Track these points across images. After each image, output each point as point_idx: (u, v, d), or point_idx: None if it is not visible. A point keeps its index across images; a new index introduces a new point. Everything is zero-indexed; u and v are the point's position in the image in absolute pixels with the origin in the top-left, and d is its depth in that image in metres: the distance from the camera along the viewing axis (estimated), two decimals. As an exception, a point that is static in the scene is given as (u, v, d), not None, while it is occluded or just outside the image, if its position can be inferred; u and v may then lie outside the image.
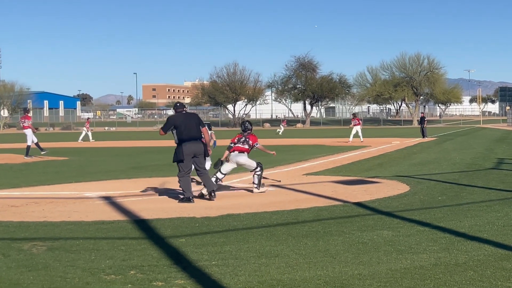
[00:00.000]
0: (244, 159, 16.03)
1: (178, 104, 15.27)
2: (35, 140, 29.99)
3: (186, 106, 15.82)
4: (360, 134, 43.72)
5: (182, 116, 14.79)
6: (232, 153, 16.09)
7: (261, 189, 15.96)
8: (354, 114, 47.75)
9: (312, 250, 8.59)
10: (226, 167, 16.08)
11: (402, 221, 10.90)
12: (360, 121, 46.30)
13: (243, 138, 16.34)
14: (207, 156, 15.26)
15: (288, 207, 12.97)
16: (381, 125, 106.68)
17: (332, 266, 7.68)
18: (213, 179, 15.58)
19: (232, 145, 16.11)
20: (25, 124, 29.82)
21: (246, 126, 16.43)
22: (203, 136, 14.83)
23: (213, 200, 14.45)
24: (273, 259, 8.08)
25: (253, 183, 15.95)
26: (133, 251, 8.66)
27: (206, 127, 15.26)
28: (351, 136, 43.85)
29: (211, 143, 16.66)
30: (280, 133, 67.53)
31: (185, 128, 14.45)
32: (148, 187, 17.09)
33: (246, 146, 16.15)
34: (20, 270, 7.66)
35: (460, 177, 18.54)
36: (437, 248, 8.52)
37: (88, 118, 54.61)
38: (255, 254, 8.40)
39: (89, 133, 52.60)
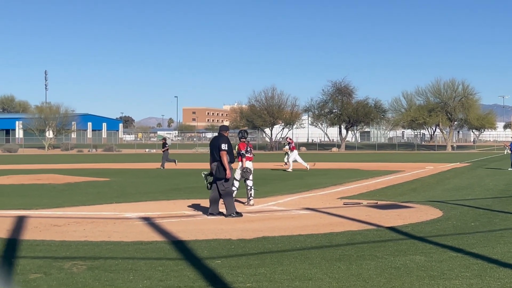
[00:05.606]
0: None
1: (220, 127, 16.62)
2: None
3: (224, 129, 16.19)
4: (289, 159, 38.85)
5: (213, 140, 16.02)
6: (249, 162, 18.11)
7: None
8: (289, 138, 43.42)
9: (345, 274, 8.53)
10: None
11: (434, 246, 10.78)
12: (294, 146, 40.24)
13: (249, 148, 18.48)
14: (219, 180, 15.53)
15: (322, 230, 12.91)
16: (415, 150, 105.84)
17: (364, 290, 7.61)
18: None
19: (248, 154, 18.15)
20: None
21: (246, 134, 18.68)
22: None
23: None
24: (307, 282, 8.03)
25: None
26: (170, 272, 8.68)
27: (225, 151, 15.61)
28: (291, 161, 38.65)
29: None
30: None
31: (211, 150, 15.72)
32: (192, 207, 17.17)
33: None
34: (61, 289, 7.71)
35: (493, 203, 18.30)
36: (469, 275, 8.41)
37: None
38: (289, 277, 8.36)
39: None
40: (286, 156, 41.27)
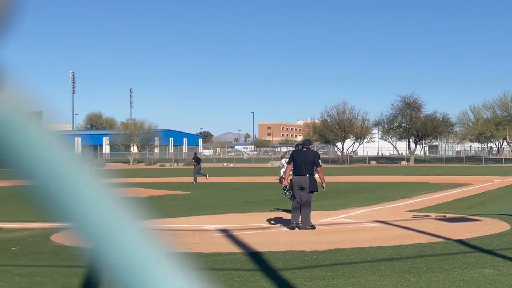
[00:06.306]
0: None
1: (303, 141, 16.71)
2: None
3: (309, 143, 16.30)
4: None
5: (300, 153, 15.73)
6: None
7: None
8: None
9: (415, 286, 8.44)
10: None
11: (503, 259, 10.56)
12: None
13: None
14: (311, 192, 15.38)
15: (392, 243, 12.79)
16: (482, 163, 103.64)
17: (433, 302, 7.52)
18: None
19: None
20: None
21: None
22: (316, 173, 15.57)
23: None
24: (377, 294, 7.99)
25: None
26: (247, 283, 8.74)
27: (321, 167, 15.72)
28: None
29: None
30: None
31: (298, 163, 15.39)
32: (272, 219, 17.25)
33: None
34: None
35: (561, 216, 17.79)
36: (537, 288, 8.22)
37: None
38: (360, 288, 8.33)
39: None
40: (283, 169, 40.29)
